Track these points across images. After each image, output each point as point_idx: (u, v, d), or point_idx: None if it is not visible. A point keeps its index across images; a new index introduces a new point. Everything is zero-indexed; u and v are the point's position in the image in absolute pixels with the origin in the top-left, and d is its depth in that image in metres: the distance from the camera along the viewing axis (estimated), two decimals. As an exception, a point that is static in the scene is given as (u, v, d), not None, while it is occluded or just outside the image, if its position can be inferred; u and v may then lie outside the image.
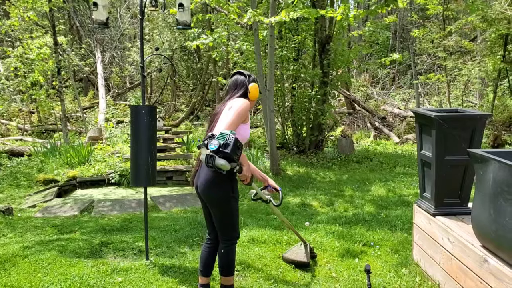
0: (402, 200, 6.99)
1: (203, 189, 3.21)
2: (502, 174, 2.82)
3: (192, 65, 18.45)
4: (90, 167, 9.11)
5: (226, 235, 3.29)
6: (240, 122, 3.16)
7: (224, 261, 3.32)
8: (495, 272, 2.88)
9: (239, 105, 3.18)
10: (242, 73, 3.40)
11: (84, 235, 5.27)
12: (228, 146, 2.87)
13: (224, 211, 3.24)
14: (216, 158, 2.89)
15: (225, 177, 3.14)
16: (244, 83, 3.33)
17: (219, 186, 3.17)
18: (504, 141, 11.83)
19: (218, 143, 2.87)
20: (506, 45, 11.94)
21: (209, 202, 3.25)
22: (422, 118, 3.89)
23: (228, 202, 3.21)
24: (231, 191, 3.19)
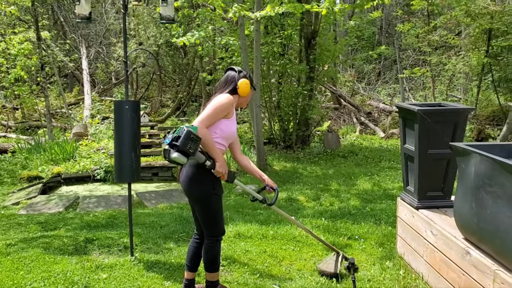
0: (387, 194, 7.04)
1: (185, 186, 3.21)
2: (483, 167, 2.85)
3: (178, 60, 18.34)
4: (75, 163, 9.03)
5: (209, 232, 3.29)
6: (218, 117, 3.14)
7: (208, 258, 3.32)
8: (477, 264, 2.92)
9: (219, 100, 3.17)
10: (233, 69, 3.37)
11: (69, 231, 5.23)
12: (179, 139, 2.88)
13: (205, 208, 3.23)
14: (170, 152, 2.93)
15: (206, 174, 3.13)
16: (233, 79, 3.29)
17: (200, 183, 3.16)
18: (488, 135, 11.96)
19: (172, 136, 2.90)
20: (490, 40, 12.05)
21: (190, 199, 3.27)
22: (406, 113, 3.93)
23: (209, 199, 3.20)
24: (212, 188, 3.18)
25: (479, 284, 2.88)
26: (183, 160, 2.96)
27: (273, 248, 4.58)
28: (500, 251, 2.74)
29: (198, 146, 2.97)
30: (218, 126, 3.17)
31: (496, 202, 2.74)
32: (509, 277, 2.62)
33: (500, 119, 12.97)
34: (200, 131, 3.02)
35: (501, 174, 2.68)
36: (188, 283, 3.46)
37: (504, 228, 2.67)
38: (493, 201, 2.77)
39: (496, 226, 2.75)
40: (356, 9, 8.94)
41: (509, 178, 2.60)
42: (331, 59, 11.36)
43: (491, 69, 12.50)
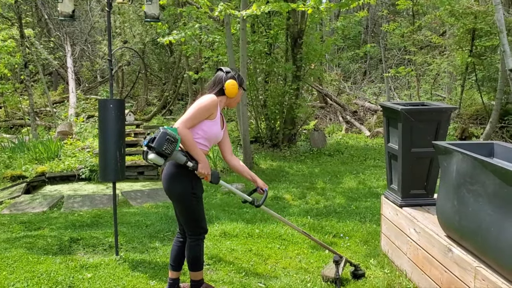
0: (372, 192, 7.10)
1: (164, 184, 3.23)
2: (465, 165, 2.90)
3: (164, 58, 18.26)
4: (59, 162, 8.94)
5: (190, 230, 3.30)
6: (201, 117, 3.14)
7: (191, 257, 3.32)
8: (458, 261, 2.96)
9: (202, 100, 3.17)
10: (222, 69, 3.35)
11: (53, 231, 5.18)
12: (155, 140, 2.90)
13: (184, 207, 3.24)
14: (148, 153, 2.97)
15: (186, 173, 3.13)
16: (221, 80, 3.27)
17: (178, 182, 3.17)
18: (471, 133, 12.12)
19: (149, 138, 2.94)
20: (473, 40, 12.21)
21: (170, 197, 3.28)
22: (390, 112, 3.96)
23: (187, 198, 3.20)
24: (191, 187, 3.18)
25: (461, 281, 2.92)
26: (160, 161, 2.99)
27: (258, 247, 4.59)
28: (481, 248, 2.78)
29: (174, 147, 2.97)
30: (200, 127, 3.17)
31: (477, 200, 2.78)
32: (490, 273, 2.66)
33: (484, 118, 13.14)
34: (181, 132, 3.02)
35: (482, 172, 2.72)
36: (172, 283, 3.45)
37: (485, 226, 2.71)
38: (474, 199, 2.82)
39: (477, 223, 2.79)
40: (342, 8, 8.98)
41: (490, 176, 2.64)
42: (317, 58, 11.41)
43: (474, 68, 12.66)
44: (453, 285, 3.02)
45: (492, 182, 2.63)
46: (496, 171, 2.58)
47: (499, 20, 8.18)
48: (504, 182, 2.52)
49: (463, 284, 2.90)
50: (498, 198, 2.60)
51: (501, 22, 8.16)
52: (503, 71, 10.32)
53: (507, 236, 2.52)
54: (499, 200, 2.59)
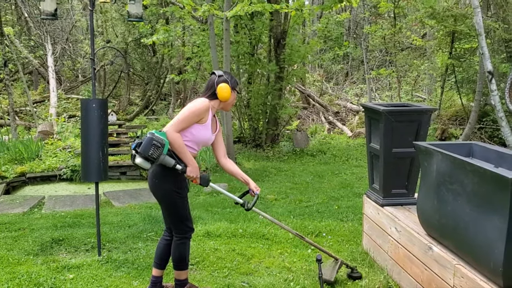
0: (353, 192, 7.18)
1: (149, 183, 3.25)
2: (444, 165, 2.96)
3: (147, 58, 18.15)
4: (40, 162, 8.83)
5: (176, 229, 3.31)
6: (191, 121, 3.14)
7: (176, 255, 3.33)
8: (438, 259, 3.02)
9: (193, 104, 3.19)
10: (215, 73, 3.35)
11: (34, 232, 5.12)
12: (141, 145, 2.95)
13: (169, 207, 3.26)
14: (135, 157, 3.01)
15: (170, 172, 3.15)
16: (213, 84, 3.27)
17: (163, 181, 3.18)
18: (451, 134, 12.33)
19: (137, 142, 2.98)
20: (453, 42, 12.42)
21: (154, 196, 3.29)
22: (371, 112, 4.02)
23: (171, 198, 3.22)
24: (174, 186, 3.19)
25: (441, 279, 2.98)
26: (146, 165, 3.04)
27: (242, 246, 4.61)
28: (460, 246, 2.85)
29: (161, 152, 3.00)
30: (189, 130, 3.18)
31: (456, 199, 2.85)
32: (469, 271, 2.72)
33: (463, 119, 13.37)
34: (171, 135, 3.05)
35: (461, 172, 2.79)
36: (155, 280, 3.45)
37: (463, 224, 2.78)
38: (453, 198, 2.88)
39: (456, 222, 2.85)
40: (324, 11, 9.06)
41: (469, 176, 2.71)
42: (300, 59, 11.49)
43: (454, 70, 12.88)
44: (433, 282, 3.08)
45: (471, 181, 2.70)
46: (475, 170, 2.64)
47: (478, 23, 8.35)
48: (482, 182, 2.58)
49: (443, 282, 2.96)
50: (476, 197, 2.67)
51: (479, 25, 8.33)
52: (482, 73, 10.52)
53: (484, 234, 2.59)
54: (477, 199, 2.65)
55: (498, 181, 2.43)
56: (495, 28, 10.39)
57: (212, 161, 9.34)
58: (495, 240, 2.49)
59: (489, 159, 3.20)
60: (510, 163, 2.99)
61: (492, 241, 2.51)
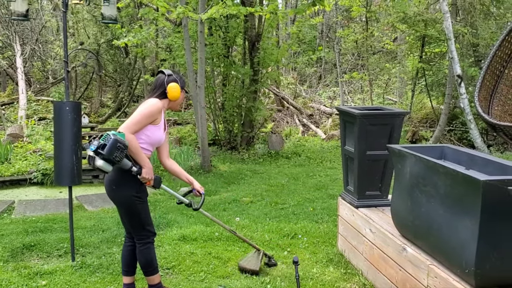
0: (328, 194, 7.24)
1: (107, 190, 3.20)
2: (417, 168, 3.02)
3: (119, 59, 17.91)
4: (9, 166, 8.61)
5: (138, 235, 3.28)
6: (146, 123, 3.11)
7: (143, 261, 3.31)
8: (412, 259, 3.09)
9: (146, 105, 3.14)
10: (163, 72, 3.32)
11: (4, 238, 4.99)
12: (105, 147, 2.85)
13: (129, 212, 3.22)
14: (95, 159, 2.90)
15: (129, 178, 3.10)
16: (163, 83, 3.25)
17: (121, 187, 3.13)
18: (422, 136, 12.59)
19: (98, 143, 2.87)
20: (423, 46, 12.71)
21: (114, 202, 3.24)
22: (346, 116, 4.08)
23: (131, 203, 3.17)
24: (134, 191, 3.15)
25: (415, 279, 3.05)
26: (108, 168, 2.96)
27: (218, 250, 4.60)
28: (434, 246, 2.91)
29: (124, 154, 2.95)
30: (144, 132, 3.14)
31: (429, 201, 2.91)
32: (442, 271, 2.79)
33: (433, 121, 13.68)
34: (126, 137, 2.99)
35: (434, 174, 2.85)
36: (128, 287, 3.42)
37: (437, 225, 2.84)
38: (426, 200, 2.95)
39: (429, 223, 2.92)
40: (298, 14, 9.13)
41: (441, 178, 2.78)
42: (274, 62, 11.54)
43: (424, 73, 13.17)
44: (408, 282, 3.14)
45: (444, 183, 2.77)
46: (447, 173, 2.71)
47: (448, 27, 8.57)
48: (455, 184, 2.65)
49: (417, 282, 3.02)
50: (449, 199, 2.74)
51: (449, 29, 8.55)
52: (451, 76, 10.79)
53: (457, 235, 2.65)
54: (450, 200, 2.72)
55: (470, 183, 2.50)
56: (463, 33, 10.67)
57: (187, 164, 9.29)
58: (467, 241, 2.56)
59: (460, 161, 3.28)
60: (480, 165, 3.08)
61: (464, 242, 2.58)
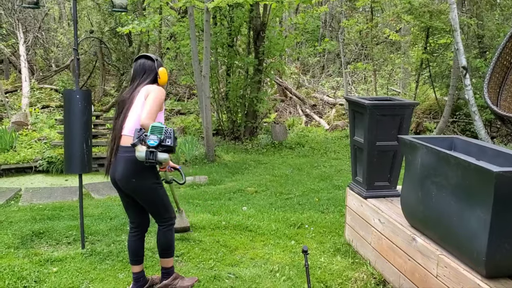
0: (333, 184, 7.28)
1: (125, 182, 3.16)
2: (429, 158, 3.04)
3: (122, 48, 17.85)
4: (15, 154, 8.64)
5: (161, 218, 3.33)
6: (159, 110, 3.14)
7: (165, 243, 3.35)
8: (422, 249, 3.11)
9: (157, 93, 3.15)
10: (149, 57, 3.33)
11: (13, 225, 5.03)
12: (170, 139, 2.90)
13: (152, 200, 3.25)
14: (158, 153, 2.89)
15: (147, 167, 3.09)
16: (153, 68, 3.27)
17: (142, 178, 3.14)
18: (425, 127, 12.59)
19: (158, 138, 2.87)
20: (428, 37, 12.66)
21: (134, 194, 3.22)
22: (356, 106, 4.08)
23: (154, 190, 3.22)
24: (155, 178, 3.20)
25: (424, 268, 3.08)
26: (169, 160, 3.01)
27: (226, 238, 4.63)
28: (444, 237, 2.94)
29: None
30: (156, 119, 3.15)
31: (440, 192, 2.93)
32: (452, 261, 2.82)
33: (437, 112, 13.67)
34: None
35: (445, 165, 2.87)
36: (137, 276, 3.44)
37: (447, 216, 2.87)
38: (437, 191, 2.96)
39: (440, 213, 2.94)
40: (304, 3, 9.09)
41: (453, 169, 2.79)
42: (279, 52, 11.51)
43: (428, 64, 13.13)
44: (417, 272, 3.17)
45: (455, 174, 2.78)
46: (459, 164, 2.73)
47: (454, 18, 8.52)
48: (466, 174, 2.67)
49: (426, 271, 3.05)
50: (460, 189, 2.75)
51: (455, 20, 8.51)
52: (456, 68, 10.76)
53: (468, 226, 2.68)
54: (461, 191, 2.74)
55: (482, 174, 2.52)
56: (469, 24, 10.63)
57: (191, 153, 9.32)
58: (478, 231, 2.58)
59: (470, 152, 3.29)
60: (490, 156, 3.09)
61: (475, 232, 2.61)
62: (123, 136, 3.17)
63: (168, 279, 3.42)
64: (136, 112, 3.17)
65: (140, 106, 3.15)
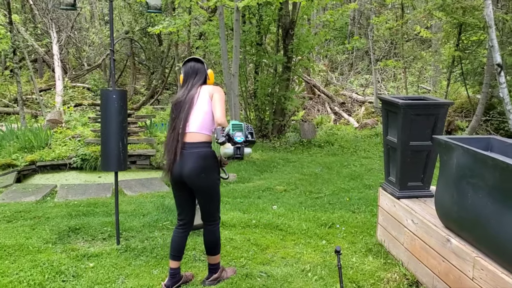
0: (363, 184, 7.22)
1: (195, 177, 3.24)
2: (465, 159, 3.00)
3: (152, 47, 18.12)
4: (50, 151, 8.87)
5: (212, 217, 3.45)
6: None
7: (213, 241, 3.48)
8: (457, 251, 3.07)
9: (222, 93, 3.34)
10: (199, 60, 3.49)
11: (50, 221, 5.18)
12: (253, 135, 3.06)
13: (213, 196, 3.38)
14: (244, 148, 3.04)
15: (215, 164, 3.27)
16: (203, 70, 3.45)
17: (210, 173, 3.28)
18: (457, 126, 12.35)
19: (243, 134, 3.02)
20: (460, 34, 12.40)
21: (200, 189, 3.31)
22: (389, 105, 4.05)
23: (216, 186, 3.37)
24: (218, 175, 3.34)
25: (459, 270, 3.04)
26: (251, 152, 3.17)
27: (256, 237, 4.67)
28: (480, 239, 2.89)
29: None
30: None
31: (477, 193, 2.89)
32: (489, 263, 2.78)
33: (468, 111, 13.39)
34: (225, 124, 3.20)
35: (482, 166, 2.82)
36: (174, 272, 3.51)
37: (484, 218, 2.82)
38: (474, 192, 2.92)
39: (477, 215, 2.90)
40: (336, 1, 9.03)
41: (490, 170, 2.75)
42: (308, 50, 11.48)
43: (461, 62, 12.86)
44: (451, 274, 3.14)
45: (492, 175, 2.74)
46: (497, 165, 2.68)
47: (488, 15, 8.33)
48: (505, 176, 2.62)
49: (461, 273, 3.01)
50: (498, 191, 2.71)
51: (490, 17, 8.31)
52: (490, 65, 10.52)
53: (506, 228, 2.63)
54: (499, 193, 2.69)
55: (522, 176, 2.47)
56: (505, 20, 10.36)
57: (220, 151, 9.37)
58: (517, 234, 2.54)
59: (507, 153, 3.22)
60: (529, 157, 3.03)
61: (514, 235, 2.56)
62: (189, 134, 3.27)
63: (217, 273, 3.58)
64: (202, 110, 3.29)
65: (207, 104, 3.29)
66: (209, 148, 3.27)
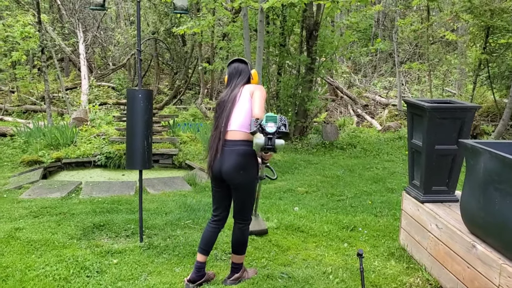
0: (386, 187, 7.15)
1: (234, 173, 3.30)
2: (493, 164, 2.95)
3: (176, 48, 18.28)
4: (75, 148, 9.04)
5: (244, 216, 3.49)
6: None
7: (242, 240, 3.52)
8: (482, 257, 3.03)
9: (263, 91, 3.40)
10: (242, 61, 3.58)
11: (75, 217, 5.28)
12: (286, 126, 3.06)
13: (249, 193, 3.43)
14: (275, 140, 3.04)
15: (254, 161, 3.33)
16: (247, 70, 3.53)
17: (249, 170, 3.33)
18: (483, 130, 12.12)
19: (275, 125, 3.03)
20: (488, 37, 12.16)
21: (238, 185, 3.36)
22: (415, 108, 4.01)
23: (254, 184, 3.44)
24: (256, 172, 3.40)
25: (485, 277, 2.99)
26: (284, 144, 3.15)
27: (277, 238, 4.67)
28: (508, 245, 2.84)
29: None
30: None
31: (505, 199, 2.84)
32: (516, 270, 2.73)
33: (495, 115, 13.13)
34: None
35: (510, 171, 2.77)
36: (200, 266, 3.55)
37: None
38: (501, 198, 2.87)
39: (504, 221, 2.85)
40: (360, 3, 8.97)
41: (519, 176, 2.70)
42: (333, 51, 11.42)
43: (488, 65, 12.62)
44: (476, 280, 3.09)
45: (521, 181, 2.69)
46: (526, 171, 2.63)
47: (518, 18, 8.17)
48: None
49: (487, 281, 2.96)
50: (526, 197, 2.66)
51: (519, 20, 8.15)
52: (518, 69, 10.29)
53: (535, 235, 2.58)
54: (528, 199, 2.64)
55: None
56: (534, 23, 10.12)
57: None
58: (546, 241, 2.48)
59: (536, 159, 3.17)
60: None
61: (543, 242, 2.51)
62: (230, 132, 3.34)
63: (239, 273, 3.61)
64: (243, 108, 3.35)
65: (247, 102, 3.36)
66: (249, 146, 3.28)
